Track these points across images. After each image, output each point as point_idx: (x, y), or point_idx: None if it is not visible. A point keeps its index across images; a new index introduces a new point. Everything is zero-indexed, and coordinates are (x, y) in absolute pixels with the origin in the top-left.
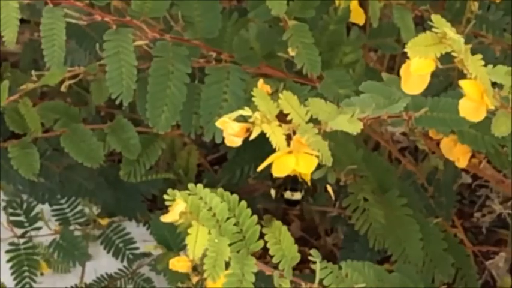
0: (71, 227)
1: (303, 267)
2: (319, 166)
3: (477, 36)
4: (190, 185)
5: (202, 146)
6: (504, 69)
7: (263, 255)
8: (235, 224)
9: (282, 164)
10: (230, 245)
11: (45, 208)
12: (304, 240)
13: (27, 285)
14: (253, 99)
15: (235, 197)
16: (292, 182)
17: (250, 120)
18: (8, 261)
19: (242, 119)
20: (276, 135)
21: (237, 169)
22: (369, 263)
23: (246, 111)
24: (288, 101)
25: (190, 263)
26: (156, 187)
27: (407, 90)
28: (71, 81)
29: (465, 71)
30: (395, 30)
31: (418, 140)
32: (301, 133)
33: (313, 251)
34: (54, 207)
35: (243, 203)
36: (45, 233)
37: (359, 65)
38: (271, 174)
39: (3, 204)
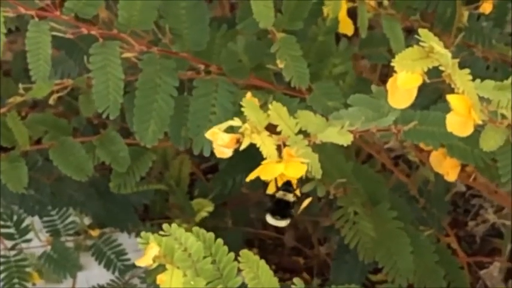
0: (62, 238)
1: (296, 276)
2: (308, 179)
3: (468, 47)
4: (165, 225)
5: (195, 155)
6: (492, 84)
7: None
8: (212, 263)
9: (270, 169)
10: (207, 283)
11: (36, 219)
12: (298, 250)
13: None
14: (243, 109)
15: (211, 235)
16: (286, 183)
17: (240, 130)
18: None
19: (231, 130)
20: (266, 145)
21: (228, 179)
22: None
23: (235, 122)
24: (278, 112)
25: None
26: (148, 198)
27: (394, 104)
28: (60, 94)
29: (453, 85)
30: (387, 40)
31: (409, 152)
32: (291, 145)
33: (295, 280)
34: (45, 218)
35: (219, 240)
36: (37, 244)
37: (349, 76)
38: (264, 184)
39: None
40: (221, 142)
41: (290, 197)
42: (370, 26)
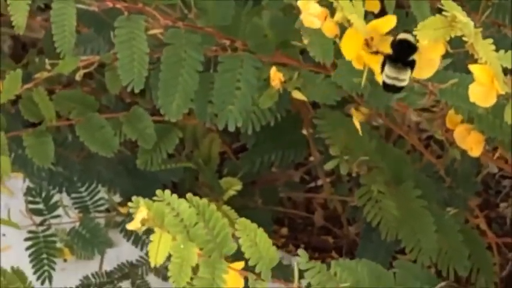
0: (91, 215)
1: (326, 256)
2: (331, 157)
3: (496, 25)
4: (158, 191)
5: (226, 135)
6: None
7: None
8: (204, 228)
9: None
10: (201, 249)
11: (66, 196)
12: (327, 229)
13: (46, 273)
14: None
15: (205, 201)
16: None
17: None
18: (27, 249)
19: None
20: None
21: (256, 158)
22: (364, 261)
23: None
24: None
25: None
26: (177, 175)
27: (416, 74)
28: (86, 70)
29: (475, 56)
30: (414, 18)
31: (436, 131)
32: None
33: (300, 251)
34: (74, 195)
35: (213, 206)
36: (69, 221)
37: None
38: (293, 164)
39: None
40: (313, 11)
41: (410, 37)
42: (397, 4)
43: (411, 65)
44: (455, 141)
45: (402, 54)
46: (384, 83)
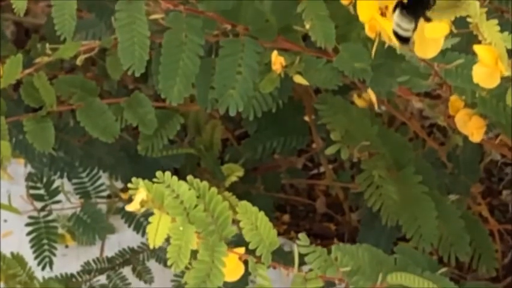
0: (92, 201)
1: (327, 244)
2: (332, 141)
3: (498, 11)
4: (158, 173)
5: (229, 121)
6: None
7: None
8: (204, 211)
9: None
10: (201, 232)
11: (68, 181)
12: (329, 216)
13: (47, 259)
14: None
15: (205, 184)
16: None
17: None
18: (28, 234)
19: None
20: None
21: (258, 145)
22: (365, 246)
23: None
24: None
25: None
26: (178, 162)
27: (420, 54)
28: (87, 55)
29: (480, 37)
30: None
31: (438, 117)
32: None
33: (300, 235)
34: (75, 180)
35: (213, 189)
36: (70, 206)
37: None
38: (296, 151)
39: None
40: None
41: None
42: None
43: (418, 17)
44: (457, 127)
45: (415, 4)
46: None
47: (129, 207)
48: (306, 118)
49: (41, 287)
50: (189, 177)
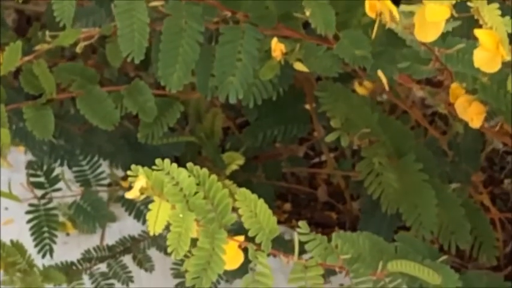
0: (93, 189)
1: (329, 232)
2: (332, 129)
3: None
4: (157, 160)
5: (230, 109)
6: None
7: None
8: (204, 198)
9: None
10: (201, 219)
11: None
12: (331, 205)
13: (47, 246)
14: None
15: (205, 171)
16: None
17: None
18: (28, 222)
19: None
20: None
21: (259, 133)
22: (366, 233)
23: None
24: None
25: None
26: (179, 150)
27: (420, 37)
28: (86, 43)
29: (481, 21)
30: None
31: (439, 104)
32: None
33: (301, 223)
34: (75, 168)
35: (213, 177)
36: (71, 194)
37: (378, 25)
38: (297, 139)
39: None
40: None
41: None
42: None
43: None
44: (457, 113)
45: None
46: None
47: (129, 195)
48: (307, 106)
49: (40, 274)
50: (189, 165)
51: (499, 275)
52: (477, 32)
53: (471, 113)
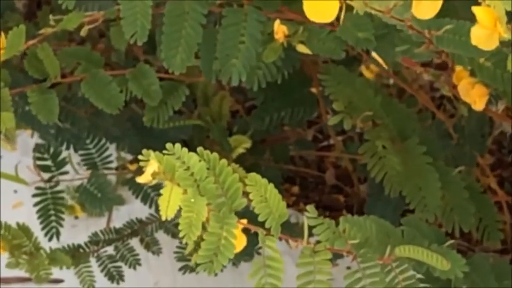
0: (100, 172)
1: (336, 215)
2: (335, 112)
3: None
4: (168, 145)
5: (239, 92)
6: None
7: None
8: (215, 183)
9: None
10: (211, 204)
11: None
12: (339, 188)
13: (54, 230)
14: None
15: (215, 155)
16: None
17: None
18: (35, 205)
19: None
20: None
21: (265, 116)
22: (373, 217)
23: None
24: None
25: None
26: (186, 133)
27: (418, 15)
28: (90, 26)
29: None
30: None
31: (443, 86)
32: None
33: (309, 207)
34: (82, 152)
35: (224, 161)
36: (79, 177)
37: None
38: (305, 122)
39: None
40: None
41: None
42: None
43: None
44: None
45: None
46: None
47: (140, 179)
48: (314, 90)
49: (47, 257)
50: (199, 149)
51: (506, 257)
52: (475, 9)
53: (474, 95)
